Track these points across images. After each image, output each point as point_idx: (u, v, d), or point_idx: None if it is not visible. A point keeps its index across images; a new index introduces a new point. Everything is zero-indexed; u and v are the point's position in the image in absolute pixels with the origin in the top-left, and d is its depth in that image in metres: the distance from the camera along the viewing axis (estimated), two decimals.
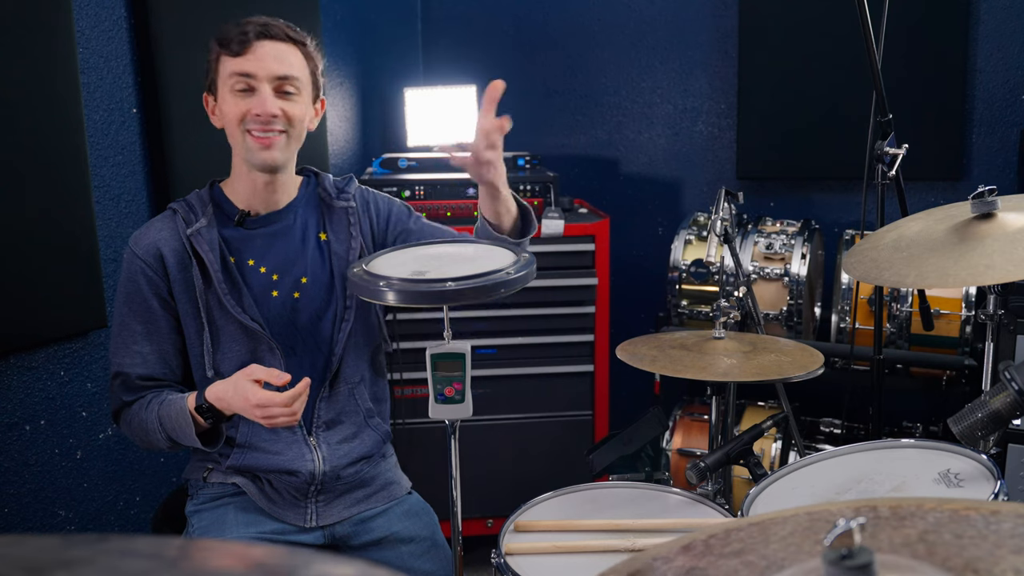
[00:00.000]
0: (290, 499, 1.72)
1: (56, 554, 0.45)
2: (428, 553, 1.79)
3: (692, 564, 0.61)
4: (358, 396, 1.78)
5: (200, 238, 1.65)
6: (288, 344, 1.70)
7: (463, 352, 1.42)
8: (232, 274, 1.67)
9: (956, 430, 1.37)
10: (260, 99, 1.61)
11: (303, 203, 1.77)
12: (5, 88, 1.80)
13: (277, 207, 1.73)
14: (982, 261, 1.40)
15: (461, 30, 3.58)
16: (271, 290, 1.70)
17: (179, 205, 1.70)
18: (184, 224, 1.66)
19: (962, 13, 2.96)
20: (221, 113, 1.66)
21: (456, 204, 2.82)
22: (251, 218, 1.71)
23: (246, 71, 1.61)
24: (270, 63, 1.61)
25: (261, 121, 1.61)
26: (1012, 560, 0.54)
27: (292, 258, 1.72)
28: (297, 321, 1.71)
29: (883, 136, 2.07)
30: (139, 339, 1.66)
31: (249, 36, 1.60)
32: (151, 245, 1.65)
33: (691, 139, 3.44)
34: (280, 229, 1.73)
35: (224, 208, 1.72)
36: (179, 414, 1.59)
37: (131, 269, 1.66)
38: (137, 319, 1.66)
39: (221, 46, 1.63)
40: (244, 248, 1.70)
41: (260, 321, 1.67)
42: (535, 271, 1.46)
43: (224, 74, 1.63)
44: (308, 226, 1.76)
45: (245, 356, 1.67)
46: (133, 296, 1.66)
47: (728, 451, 1.72)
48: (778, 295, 2.80)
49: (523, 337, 2.82)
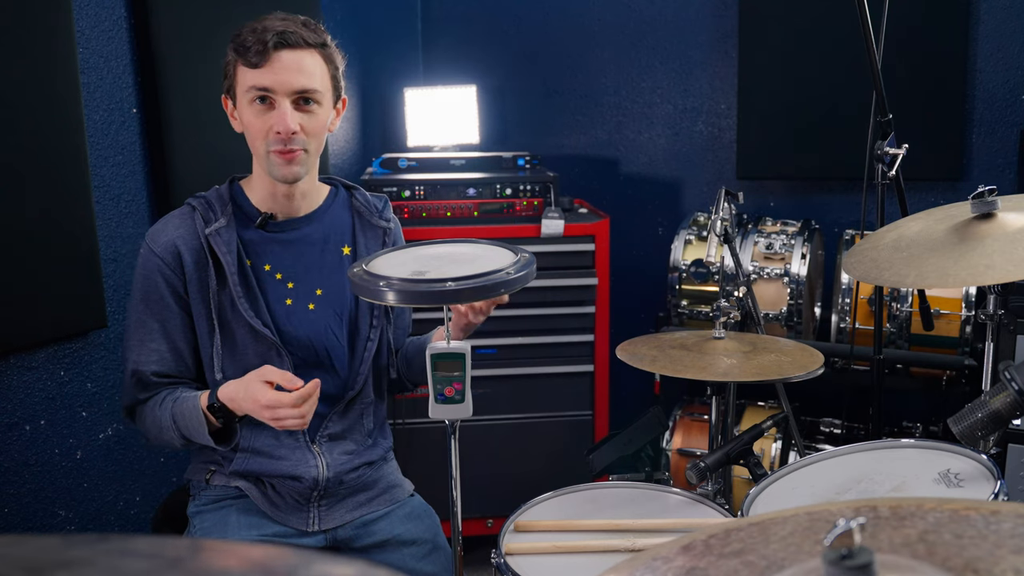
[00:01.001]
0: (293, 503, 1.71)
1: (56, 554, 0.45)
2: (430, 556, 1.79)
3: (692, 564, 0.61)
4: (366, 417, 1.78)
5: (219, 238, 1.63)
6: (300, 355, 1.68)
7: (463, 352, 1.42)
8: (248, 277, 1.65)
9: (956, 430, 1.37)
10: (280, 115, 1.57)
11: (329, 214, 1.75)
12: (5, 88, 1.80)
13: (297, 214, 1.71)
14: (982, 261, 1.40)
15: (461, 30, 3.58)
16: (285, 298, 1.69)
17: (198, 202, 1.67)
18: (203, 222, 1.64)
19: (962, 13, 2.96)
20: (241, 121, 1.63)
21: (456, 204, 2.82)
22: (273, 222, 1.69)
23: (264, 86, 1.56)
24: (289, 77, 1.56)
25: (281, 139, 1.58)
26: (1012, 560, 0.54)
27: (308, 267, 1.70)
28: (311, 333, 1.69)
29: (883, 136, 2.07)
30: (156, 336, 1.64)
31: (268, 46, 1.54)
32: (169, 243, 1.63)
33: (691, 139, 3.44)
34: (299, 237, 1.71)
35: (244, 209, 1.69)
36: (192, 412, 1.58)
37: (148, 266, 1.64)
38: (154, 316, 1.64)
39: (238, 54, 1.57)
40: (261, 252, 1.68)
41: (271, 327, 1.66)
42: (535, 271, 1.46)
43: (242, 85, 1.59)
44: (330, 238, 1.73)
45: (255, 361, 1.64)
46: (150, 294, 1.64)
47: (728, 451, 1.72)
48: (778, 295, 2.80)
49: (523, 337, 2.82)
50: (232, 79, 1.62)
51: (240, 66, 1.58)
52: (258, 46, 1.55)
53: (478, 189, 2.84)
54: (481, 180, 2.86)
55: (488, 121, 3.42)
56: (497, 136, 3.49)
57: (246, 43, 1.56)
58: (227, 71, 1.63)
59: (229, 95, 1.65)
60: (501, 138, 3.50)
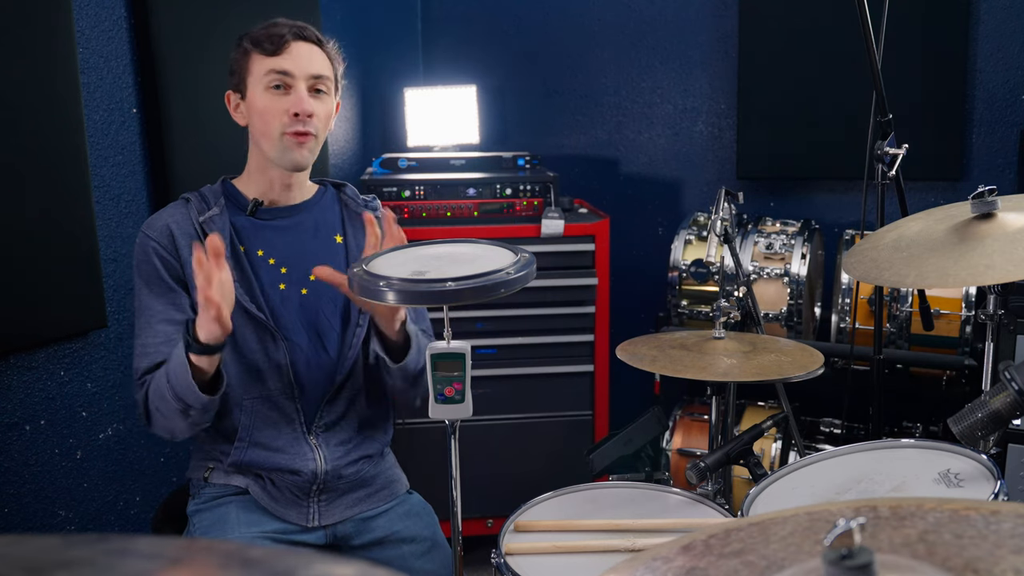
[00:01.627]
0: (292, 498, 1.72)
1: (56, 554, 0.45)
2: (429, 553, 1.80)
3: (692, 564, 0.61)
4: (358, 403, 1.78)
5: (212, 224, 1.67)
6: (294, 339, 1.71)
7: (463, 352, 1.42)
8: (242, 262, 1.69)
9: (956, 430, 1.37)
10: (298, 97, 1.65)
11: (320, 205, 1.80)
12: (5, 88, 1.80)
13: (291, 203, 1.76)
14: (982, 261, 1.40)
15: (461, 30, 3.58)
16: (279, 283, 1.72)
17: (192, 195, 1.73)
18: (196, 212, 1.69)
19: (962, 13, 2.96)
20: (251, 110, 1.69)
21: (456, 204, 2.82)
22: (264, 208, 1.74)
23: (284, 69, 1.65)
24: (306, 63, 1.67)
25: (299, 120, 1.65)
26: (1012, 560, 0.54)
27: (301, 253, 1.74)
28: (304, 318, 1.72)
29: (883, 136, 2.07)
30: (160, 318, 1.65)
31: (286, 37, 1.65)
32: (163, 227, 1.67)
33: (691, 139, 3.44)
34: (292, 223, 1.76)
35: (236, 200, 1.74)
36: (177, 361, 1.56)
37: (144, 250, 1.66)
38: (157, 298, 1.65)
39: (254, 45, 1.67)
40: (254, 238, 1.72)
41: (266, 311, 1.68)
42: (535, 271, 1.46)
43: (258, 72, 1.66)
44: (321, 225, 1.78)
45: (251, 345, 1.67)
46: (150, 277, 1.66)
47: (728, 451, 1.72)
48: (778, 295, 2.80)
49: (523, 337, 2.82)
50: (244, 71, 1.68)
51: (255, 55, 1.67)
52: (275, 37, 1.66)
53: (478, 189, 2.84)
54: (481, 180, 2.86)
55: (488, 121, 3.42)
56: (497, 136, 3.49)
57: (260, 36, 1.67)
58: (235, 66, 1.70)
59: (236, 90, 1.71)
60: (501, 138, 3.50)
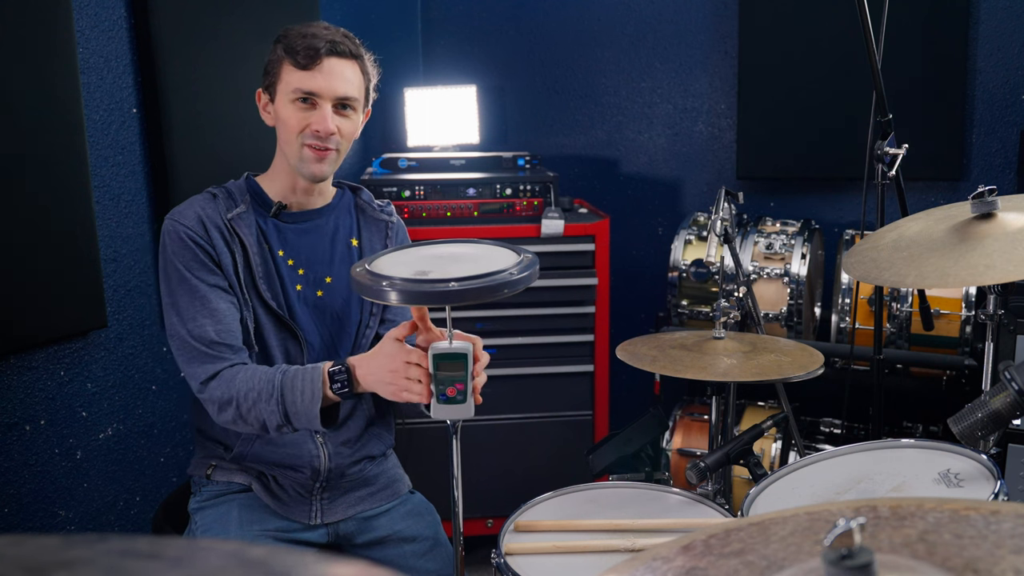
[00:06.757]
0: (295, 496, 1.73)
1: (56, 554, 0.45)
2: (430, 552, 1.80)
3: (692, 564, 0.61)
4: (364, 402, 1.79)
5: (241, 222, 1.67)
6: (310, 339, 1.72)
7: (465, 352, 1.42)
8: (267, 261, 1.70)
9: (956, 430, 1.37)
10: (321, 116, 1.64)
11: (338, 209, 1.81)
12: (5, 88, 1.80)
13: (312, 207, 1.77)
14: (982, 261, 1.40)
15: (461, 30, 3.58)
16: (296, 284, 1.73)
17: (219, 190, 1.71)
18: (224, 208, 1.68)
19: (962, 13, 2.96)
20: (277, 116, 1.69)
21: (456, 204, 2.82)
22: (286, 211, 1.74)
23: (311, 89, 1.63)
24: (334, 83, 1.64)
25: (319, 137, 1.64)
26: (1012, 560, 0.54)
27: (319, 256, 1.75)
28: (319, 319, 1.74)
29: (883, 136, 2.07)
30: (219, 294, 1.62)
31: (320, 51, 1.62)
32: (195, 216, 1.64)
33: (691, 139, 3.44)
34: (312, 227, 1.76)
35: (261, 199, 1.74)
36: (307, 379, 1.54)
37: (179, 236, 1.62)
38: (209, 275, 1.62)
39: (287, 53, 1.64)
40: (275, 239, 1.73)
41: (286, 311, 1.70)
42: (538, 271, 1.46)
43: (287, 85, 1.65)
44: (339, 229, 1.79)
45: (274, 341, 1.68)
46: (191, 260, 1.61)
47: (728, 451, 1.73)
48: (778, 295, 2.80)
49: (523, 337, 2.82)
50: (276, 76, 1.67)
51: (287, 65, 1.65)
52: (310, 51, 1.62)
53: (478, 189, 2.84)
54: (481, 180, 2.86)
55: (488, 121, 3.42)
56: (497, 136, 3.49)
57: (296, 46, 1.63)
58: (270, 68, 1.69)
59: (267, 91, 1.71)
60: (501, 138, 3.50)
